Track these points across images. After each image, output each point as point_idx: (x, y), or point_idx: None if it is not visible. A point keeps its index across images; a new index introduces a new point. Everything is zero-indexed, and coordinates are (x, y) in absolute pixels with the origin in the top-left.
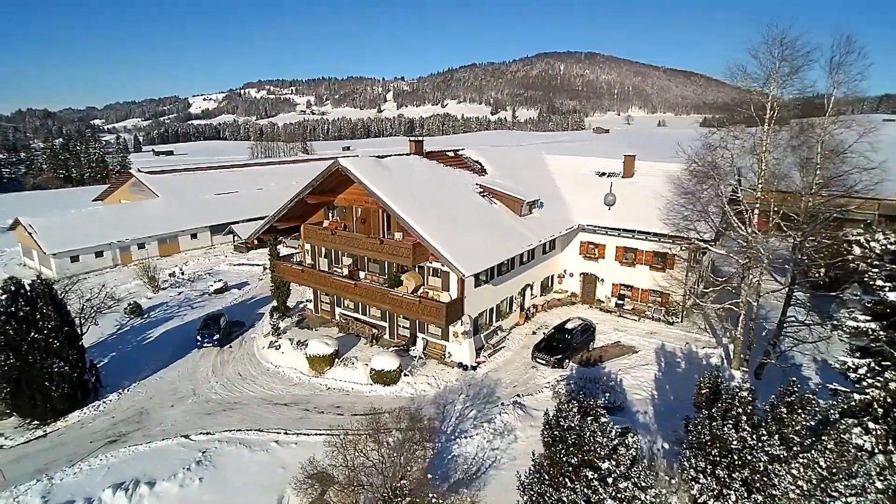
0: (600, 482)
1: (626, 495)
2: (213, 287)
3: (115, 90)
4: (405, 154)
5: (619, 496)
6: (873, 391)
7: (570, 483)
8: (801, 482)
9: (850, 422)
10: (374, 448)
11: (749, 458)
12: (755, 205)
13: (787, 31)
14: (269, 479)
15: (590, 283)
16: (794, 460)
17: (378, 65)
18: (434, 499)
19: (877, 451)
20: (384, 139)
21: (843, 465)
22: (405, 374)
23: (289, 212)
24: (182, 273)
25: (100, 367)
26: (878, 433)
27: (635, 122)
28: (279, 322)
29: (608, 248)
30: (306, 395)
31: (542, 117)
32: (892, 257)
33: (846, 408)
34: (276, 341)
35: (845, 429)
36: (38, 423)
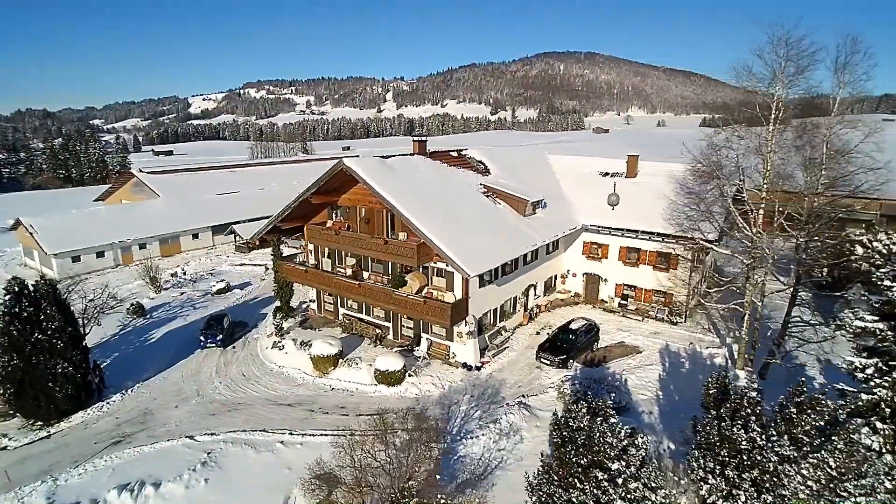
0: (610, 483)
1: (636, 496)
2: (215, 287)
3: (114, 90)
4: (408, 154)
5: (628, 497)
6: (881, 391)
7: (580, 484)
8: (811, 482)
9: (859, 422)
10: (381, 449)
11: (759, 458)
12: (760, 205)
13: (793, 31)
14: (275, 480)
15: (593, 284)
16: (804, 460)
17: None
18: (442, 499)
19: (884, 450)
20: (384, 139)
21: (853, 465)
22: (410, 375)
23: (292, 212)
24: (184, 273)
25: (103, 368)
26: (886, 433)
27: (635, 122)
28: (282, 322)
29: (611, 248)
30: (310, 396)
31: (541, 117)
32: None
33: (854, 408)
34: (279, 342)
35: (855, 429)
36: (42, 424)
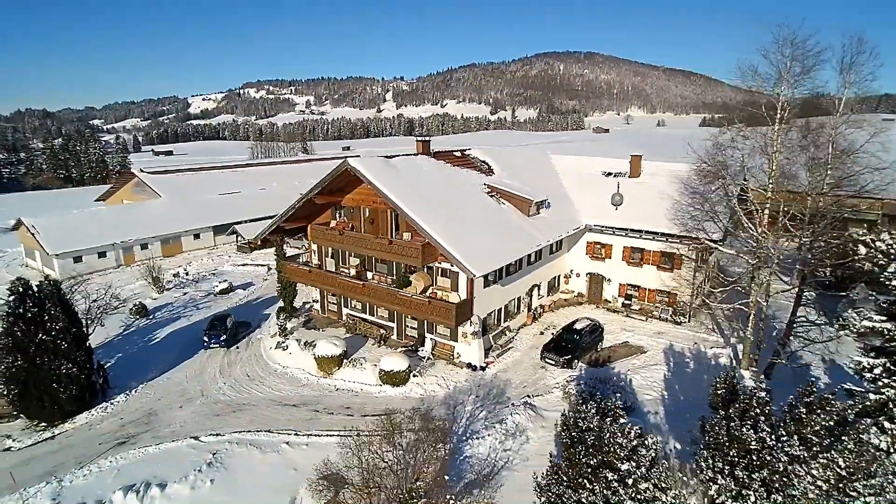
0: (620, 483)
1: (646, 496)
2: (218, 287)
3: (113, 90)
4: (411, 154)
5: (638, 497)
6: (889, 391)
7: (590, 484)
8: (821, 482)
9: (868, 422)
10: (388, 449)
11: (768, 458)
12: (765, 205)
13: (798, 31)
14: (281, 481)
15: (596, 284)
16: (814, 460)
17: (377, 65)
18: (451, 500)
19: (893, 450)
20: (384, 139)
21: (862, 464)
22: (414, 375)
23: (296, 212)
24: (186, 273)
25: (107, 368)
26: (894, 433)
27: (635, 121)
28: (286, 323)
29: (615, 248)
30: (315, 396)
31: (541, 117)
32: None
33: (862, 408)
34: (283, 342)
35: (864, 429)
36: (46, 424)
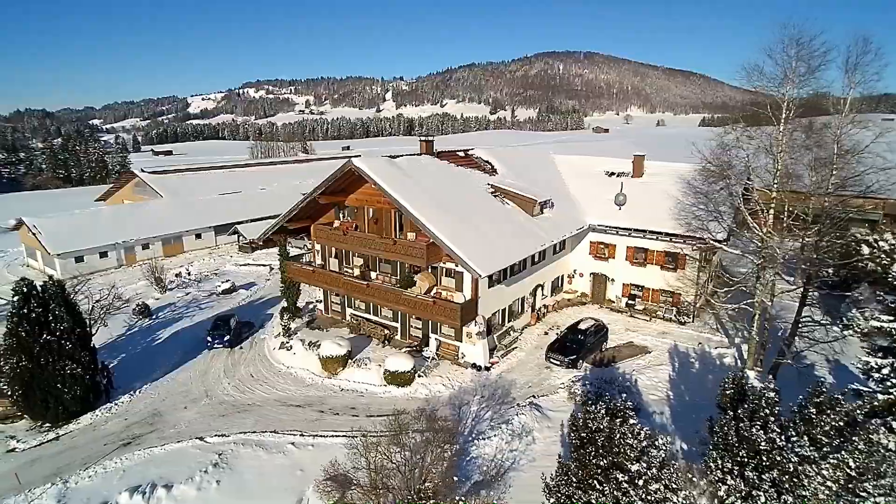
0: (630, 484)
1: (656, 497)
2: (220, 288)
3: (113, 90)
4: (413, 154)
5: (648, 498)
6: None
7: (599, 485)
8: (831, 483)
9: (877, 422)
10: (396, 450)
11: (778, 458)
12: (770, 205)
13: (803, 31)
14: (288, 482)
15: (600, 283)
16: (824, 461)
17: (377, 65)
18: (461, 501)
19: None
20: (383, 139)
21: (872, 465)
22: (419, 375)
23: (299, 212)
24: (189, 273)
25: (111, 369)
26: None
27: (634, 121)
28: (290, 323)
29: (619, 248)
30: (320, 397)
31: (541, 117)
32: None
33: (870, 408)
34: (287, 342)
35: (874, 429)
36: (51, 425)
